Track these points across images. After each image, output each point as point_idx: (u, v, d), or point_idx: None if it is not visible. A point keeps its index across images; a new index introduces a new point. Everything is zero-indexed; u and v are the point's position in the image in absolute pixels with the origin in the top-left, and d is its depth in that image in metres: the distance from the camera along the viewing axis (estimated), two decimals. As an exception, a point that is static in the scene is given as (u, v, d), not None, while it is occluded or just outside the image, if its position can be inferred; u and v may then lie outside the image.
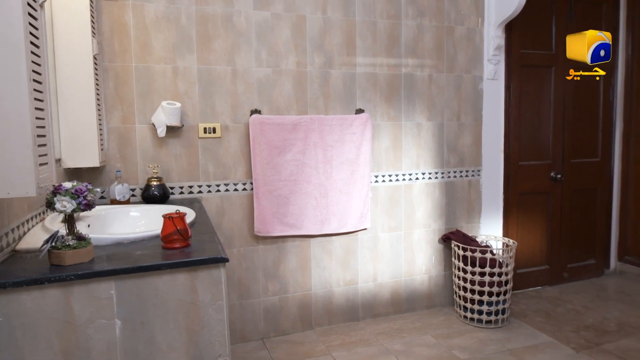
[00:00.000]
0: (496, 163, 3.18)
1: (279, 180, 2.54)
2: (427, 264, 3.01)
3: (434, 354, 2.44)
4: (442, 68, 2.96)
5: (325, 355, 2.44)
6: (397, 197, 2.91)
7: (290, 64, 2.60)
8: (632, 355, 2.41)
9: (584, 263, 3.60)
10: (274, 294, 2.65)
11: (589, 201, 3.59)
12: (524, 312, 2.98)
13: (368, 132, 2.71)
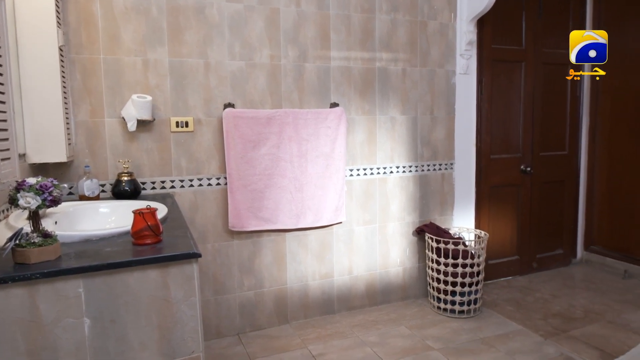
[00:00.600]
0: (468, 156, 3.24)
1: (253, 175, 2.52)
2: (401, 256, 3.05)
3: (408, 345, 2.48)
4: (415, 62, 2.99)
5: (301, 348, 2.45)
6: (372, 191, 2.93)
7: (264, 57, 2.58)
8: (597, 340, 2.50)
9: (552, 253, 3.72)
10: (249, 289, 2.64)
11: (557, 193, 3.70)
12: (495, 302, 3.06)
13: (343, 126, 2.72)
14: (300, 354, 2.40)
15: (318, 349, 2.44)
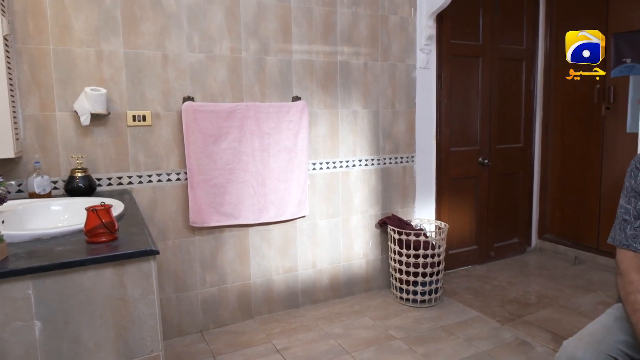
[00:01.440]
0: (429, 149, 3.31)
1: (214, 170, 2.48)
2: (364, 248, 3.09)
3: (372, 335, 2.52)
4: (376, 56, 3.01)
5: (266, 343, 2.45)
6: (335, 184, 2.95)
7: (224, 50, 2.53)
8: (549, 324, 2.62)
9: (508, 242, 3.86)
10: (212, 285, 2.61)
11: (512, 184, 3.84)
12: (455, 291, 3.15)
13: (305, 119, 2.71)
14: (265, 348, 2.39)
15: (282, 343, 2.44)
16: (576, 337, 1.31)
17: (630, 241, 1.25)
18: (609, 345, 1.24)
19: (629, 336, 1.25)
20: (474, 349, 2.36)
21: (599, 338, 1.27)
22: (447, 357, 2.28)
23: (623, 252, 1.27)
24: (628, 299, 1.22)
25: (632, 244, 1.25)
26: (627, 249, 1.26)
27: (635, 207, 1.27)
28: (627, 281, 1.23)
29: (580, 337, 1.30)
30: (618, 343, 1.25)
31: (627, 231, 1.27)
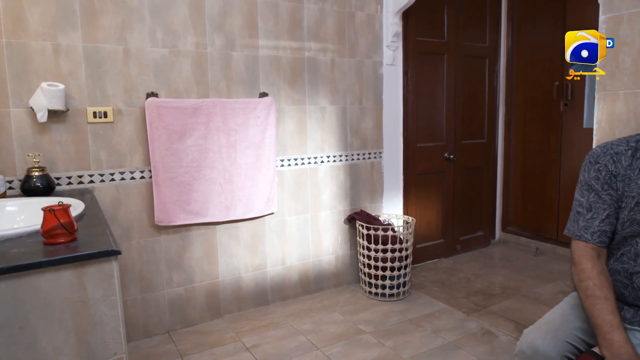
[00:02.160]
0: (396, 145, 3.35)
1: (180, 167, 2.44)
2: (333, 244, 3.11)
3: (341, 330, 2.54)
4: (344, 53, 3.02)
5: (235, 342, 2.43)
6: (303, 181, 2.95)
7: (188, 45, 2.48)
8: (512, 313, 2.71)
9: (473, 235, 3.96)
10: (179, 285, 2.56)
11: (477, 179, 3.94)
12: (423, 284, 3.21)
13: (272, 115, 2.70)
14: (234, 347, 2.37)
15: (252, 341, 2.43)
16: (536, 325, 1.36)
17: (583, 232, 1.31)
18: (565, 332, 1.29)
19: (584, 322, 1.31)
20: (440, 340, 2.41)
21: (556, 326, 1.32)
22: (415, 349, 2.32)
23: (576, 242, 1.32)
24: (581, 286, 1.27)
25: (584, 235, 1.31)
26: (579, 239, 1.31)
27: (588, 200, 1.33)
28: (579, 269, 1.29)
29: (539, 325, 1.35)
30: (574, 329, 1.30)
31: (580, 223, 1.33)
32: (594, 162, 1.34)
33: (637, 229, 1.27)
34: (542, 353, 1.25)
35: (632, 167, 1.29)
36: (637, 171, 1.28)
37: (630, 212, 1.28)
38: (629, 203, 1.28)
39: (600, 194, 1.31)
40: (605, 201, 1.30)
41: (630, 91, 1.80)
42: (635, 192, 1.27)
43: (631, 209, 1.28)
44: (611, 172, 1.31)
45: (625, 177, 1.29)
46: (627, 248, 1.30)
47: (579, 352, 1.29)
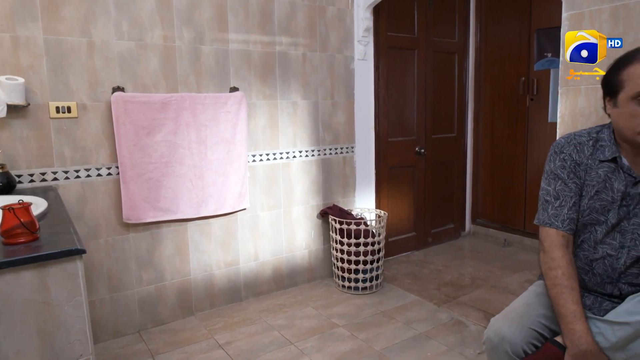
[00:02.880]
0: (368, 140, 3.37)
1: (148, 163, 2.38)
2: (307, 239, 3.11)
3: (315, 324, 2.55)
4: (315, 47, 3.01)
5: (207, 339, 2.40)
6: (276, 176, 2.93)
7: (156, 38, 2.42)
8: (482, 303, 2.78)
9: (444, 228, 4.03)
10: (149, 283, 2.51)
11: (447, 173, 4.01)
12: (395, 276, 3.25)
13: (243, 110, 2.67)
14: (207, 344, 2.35)
15: (225, 338, 2.41)
16: (502, 314, 1.40)
17: (553, 220, 1.34)
18: (530, 319, 1.33)
19: (548, 310, 1.35)
20: (412, 332, 2.45)
21: (521, 313, 1.36)
22: (388, 341, 2.35)
23: (546, 230, 1.35)
24: (549, 274, 1.31)
25: (554, 222, 1.34)
26: (550, 227, 1.34)
27: (555, 188, 1.37)
28: (549, 257, 1.32)
29: (505, 314, 1.39)
30: (538, 317, 1.34)
31: (550, 211, 1.36)
32: (559, 152, 1.38)
33: (596, 217, 1.32)
34: (508, 340, 1.29)
35: (593, 157, 1.33)
36: (597, 161, 1.33)
37: (590, 201, 1.33)
38: (589, 191, 1.33)
39: (567, 182, 1.35)
40: (572, 189, 1.35)
41: (591, 86, 1.87)
42: (595, 181, 1.32)
43: (591, 197, 1.33)
44: (575, 161, 1.35)
45: (587, 167, 1.34)
46: (586, 235, 1.35)
47: (543, 338, 1.33)
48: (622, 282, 1.31)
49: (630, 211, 1.29)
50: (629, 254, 1.29)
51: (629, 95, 1.21)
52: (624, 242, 1.30)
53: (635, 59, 1.21)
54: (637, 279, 1.28)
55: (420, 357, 2.20)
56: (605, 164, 1.31)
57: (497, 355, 1.32)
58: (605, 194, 1.31)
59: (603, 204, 1.31)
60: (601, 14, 1.81)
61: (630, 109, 1.21)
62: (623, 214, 1.30)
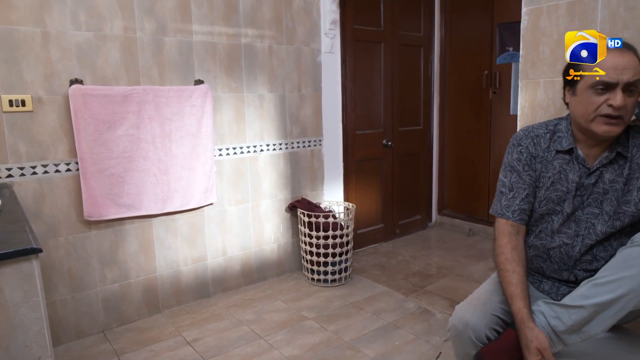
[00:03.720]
0: (335, 133, 3.38)
1: (110, 158, 2.31)
2: (275, 233, 3.10)
3: (284, 318, 2.55)
4: (281, 40, 2.99)
5: (175, 336, 2.37)
6: (243, 170, 2.90)
7: (116, 29, 2.34)
8: (448, 292, 2.85)
9: (411, 219, 4.10)
10: (113, 282, 2.45)
11: (414, 164, 4.07)
12: (364, 268, 3.29)
13: (209, 104, 2.62)
14: (174, 342, 2.31)
15: (193, 335, 2.38)
16: (466, 301, 1.44)
17: (505, 210, 1.40)
18: (492, 305, 1.37)
19: None
20: (381, 322, 2.48)
21: (484, 300, 1.40)
22: (357, 332, 2.38)
23: (498, 220, 1.42)
24: (497, 260, 1.38)
25: (505, 213, 1.40)
26: (501, 217, 1.41)
27: (510, 180, 1.42)
28: (497, 245, 1.40)
29: (469, 301, 1.43)
30: (500, 303, 1.39)
31: (503, 202, 1.42)
32: (516, 145, 1.43)
33: (553, 207, 1.37)
34: (472, 326, 1.32)
35: (550, 149, 1.38)
36: (554, 153, 1.38)
37: (546, 191, 1.38)
38: (546, 183, 1.38)
39: (521, 175, 1.40)
40: (525, 181, 1.40)
41: (549, 79, 1.93)
42: (551, 172, 1.37)
43: (547, 188, 1.38)
44: (531, 154, 1.40)
45: (544, 159, 1.39)
46: (544, 225, 1.40)
47: (505, 324, 1.37)
48: (578, 268, 1.36)
49: (584, 201, 1.35)
50: (583, 242, 1.34)
51: (587, 84, 1.26)
52: (578, 230, 1.35)
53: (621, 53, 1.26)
54: (591, 265, 1.34)
55: (388, 346, 2.24)
56: (561, 155, 1.37)
57: (461, 341, 1.35)
58: (560, 185, 1.36)
59: (558, 194, 1.36)
60: (558, 9, 1.87)
61: (586, 97, 1.27)
62: (577, 203, 1.35)
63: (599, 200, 1.33)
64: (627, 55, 1.23)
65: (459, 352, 1.39)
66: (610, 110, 1.23)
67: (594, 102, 1.25)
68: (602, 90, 1.24)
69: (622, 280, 1.16)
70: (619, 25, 1.69)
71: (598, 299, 1.18)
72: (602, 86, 1.24)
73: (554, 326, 1.24)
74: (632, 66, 1.22)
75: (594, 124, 1.26)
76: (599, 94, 1.24)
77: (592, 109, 1.26)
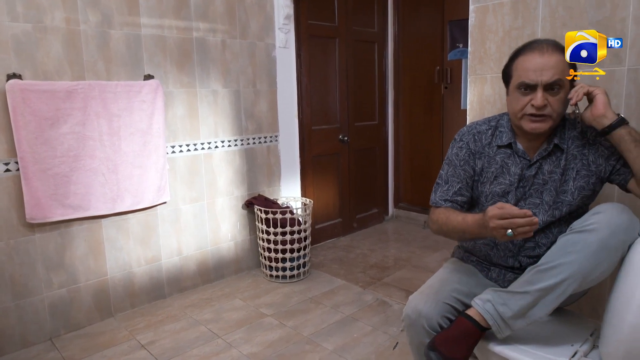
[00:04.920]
0: (292, 128, 3.37)
1: (54, 157, 2.20)
2: (232, 230, 3.06)
3: (242, 316, 2.53)
4: (235, 34, 2.94)
5: (129, 340, 2.29)
6: (197, 167, 2.84)
7: (57, 21, 2.22)
8: (404, 283, 2.91)
9: (369, 213, 4.16)
10: (60, 287, 2.33)
11: (370, 159, 4.13)
12: (322, 263, 3.31)
13: (160, 99, 2.54)
14: (128, 346, 2.24)
15: (148, 337, 2.31)
16: (419, 291, 1.47)
17: (439, 200, 1.48)
18: (444, 294, 1.41)
19: (460, 284, 1.45)
20: (339, 315, 2.51)
21: (436, 289, 1.43)
22: (315, 326, 2.39)
23: (433, 209, 1.50)
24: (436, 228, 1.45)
25: (439, 202, 1.48)
26: (436, 206, 1.49)
27: (447, 173, 1.49)
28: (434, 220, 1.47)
29: (422, 290, 1.46)
30: (452, 291, 1.42)
31: (438, 193, 1.50)
32: (458, 140, 1.50)
33: (498, 200, 1.43)
34: (425, 315, 1.36)
35: (491, 145, 1.45)
36: (495, 148, 1.44)
37: (491, 186, 1.44)
38: (490, 177, 1.44)
39: (457, 169, 1.47)
40: (460, 175, 1.47)
41: (495, 75, 2.00)
42: (494, 167, 1.44)
43: (491, 183, 1.44)
44: (471, 150, 1.47)
45: (485, 155, 1.45)
46: None
47: (457, 312, 1.42)
48: (522, 255, 1.43)
49: (526, 192, 1.41)
50: None
51: (515, 84, 1.34)
52: None
53: (523, 52, 1.34)
54: (534, 252, 1.41)
55: (346, 338, 2.26)
56: (503, 149, 1.43)
57: (415, 330, 1.38)
58: (503, 178, 1.43)
59: (502, 187, 1.43)
60: (503, 7, 1.94)
61: (515, 97, 1.35)
62: (520, 195, 1.42)
63: (540, 191, 1.40)
64: (547, 56, 1.29)
65: (413, 341, 1.42)
66: (534, 110, 1.30)
67: (521, 102, 1.33)
68: (525, 91, 1.31)
69: (563, 266, 1.22)
70: (558, 23, 1.78)
71: (541, 284, 1.24)
72: (524, 87, 1.31)
73: (502, 313, 1.29)
74: (552, 66, 1.28)
75: (523, 122, 1.35)
76: (524, 95, 1.32)
77: (519, 108, 1.33)
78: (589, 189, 1.37)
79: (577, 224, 1.27)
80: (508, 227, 1.15)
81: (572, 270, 1.21)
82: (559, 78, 1.28)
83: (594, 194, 1.40)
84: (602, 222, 1.21)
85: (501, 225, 1.16)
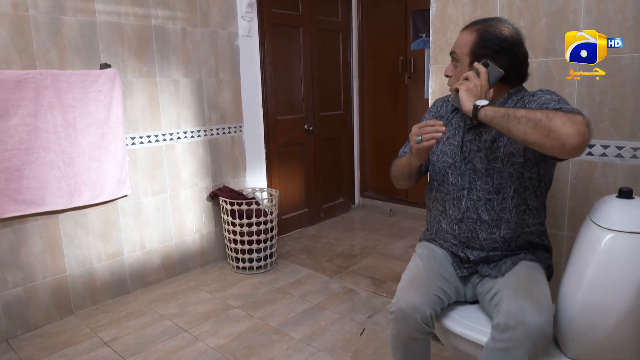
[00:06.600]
0: (256, 118, 3.33)
1: (4, 151, 2.09)
2: (197, 223, 3.01)
3: (209, 308, 2.50)
4: (196, 22, 2.86)
5: (90, 338, 2.23)
6: (159, 159, 2.77)
7: (3, 6, 2.10)
8: (370, 270, 2.96)
9: (335, 202, 4.19)
10: (15, 286, 2.24)
11: (336, 148, 4.14)
12: (289, 253, 3.31)
13: (117, 89, 2.46)
14: (89, 344, 2.18)
15: (111, 334, 2.26)
16: (407, 283, 1.42)
17: (400, 153, 1.67)
18: (433, 286, 1.40)
19: (444, 271, 1.46)
20: (307, 304, 2.52)
21: (424, 281, 1.41)
22: (283, 316, 2.40)
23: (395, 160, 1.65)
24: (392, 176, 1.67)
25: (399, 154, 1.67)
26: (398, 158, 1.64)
27: None
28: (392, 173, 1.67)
29: (410, 282, 1.42)
30: (438, 282, 1.42)
31: (403, 148, 1.68)
32: (431, 106, 1.67)
33: (447, 160, 1.51)
34: (419, 309, 1.32)
35: (453, 112, 1.56)
36: (455, 114, 1.55)
37: (442, 146, 1.54)
38: (443, 138, 1.53)
39: None
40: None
41: (455, 64, 2.03)
42: (449, 129, 1.53)
43: (444, 143, 1.53)
44: (438, 113, 1.61)
45: (444, 118, 1.57)
46: (442, 178, 1.53)
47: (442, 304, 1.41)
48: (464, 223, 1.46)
49: (466, 157, 1.47)
50: (468, 196, 1.45)
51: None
52: (464, 184, 1.46)
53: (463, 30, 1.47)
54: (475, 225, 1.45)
55: (314, 327, 2.28)
56: (457, 112, 1.54)
57: (407, 323, 1.33)
58: (453, 139, 1.51)
59: (451, 147, 1.50)
60: (462, -3, 1.97)
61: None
62: (462, 158, 1.47)
63: (477, 157, 1.44)
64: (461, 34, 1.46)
65: (401, 334, 1.37)
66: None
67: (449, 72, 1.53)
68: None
69: None
70: (515, 13, 1.82)
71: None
72: None
73: None
74: (459, 44, 1.45)
75: None
76: None
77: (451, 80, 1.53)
78: (519, 155, 1.36)
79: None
80: (419, 135, 1.33)
81: None
82: (454, 51, 1.46)
83: (527, 162, 1.37)
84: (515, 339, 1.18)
85: (414, 133, 1.35)
